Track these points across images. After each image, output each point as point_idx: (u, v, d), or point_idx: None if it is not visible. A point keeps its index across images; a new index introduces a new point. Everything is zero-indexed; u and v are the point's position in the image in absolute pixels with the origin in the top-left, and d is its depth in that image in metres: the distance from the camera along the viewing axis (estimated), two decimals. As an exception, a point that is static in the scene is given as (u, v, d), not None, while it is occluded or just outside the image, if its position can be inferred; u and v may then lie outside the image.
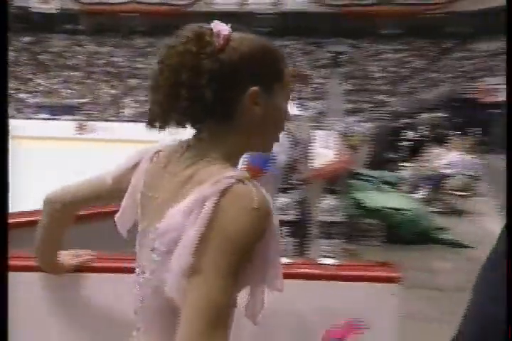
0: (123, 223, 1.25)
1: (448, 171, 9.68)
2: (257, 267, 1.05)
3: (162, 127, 1.11)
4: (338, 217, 1.69)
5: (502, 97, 18.46)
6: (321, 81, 41.62)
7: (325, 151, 8.80)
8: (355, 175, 8.45)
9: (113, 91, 40.66)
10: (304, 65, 43.59)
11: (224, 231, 0.97)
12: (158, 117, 1.10)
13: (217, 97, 1.06)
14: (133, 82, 40.63)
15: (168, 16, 42.57)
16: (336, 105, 37.60)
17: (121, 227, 1.26)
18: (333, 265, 1.57)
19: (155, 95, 1.10)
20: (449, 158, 9.99)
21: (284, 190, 3.37)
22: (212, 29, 1.09)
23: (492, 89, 27.64)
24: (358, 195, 7.42)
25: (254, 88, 1.08)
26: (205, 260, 0.95)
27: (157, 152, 1.21)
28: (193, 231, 0.97)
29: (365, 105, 37.44)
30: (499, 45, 31.66)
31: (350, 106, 37.84)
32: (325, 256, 1.66)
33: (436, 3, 44.65)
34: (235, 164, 1.13)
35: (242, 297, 1.08)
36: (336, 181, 5.15)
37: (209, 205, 0.97)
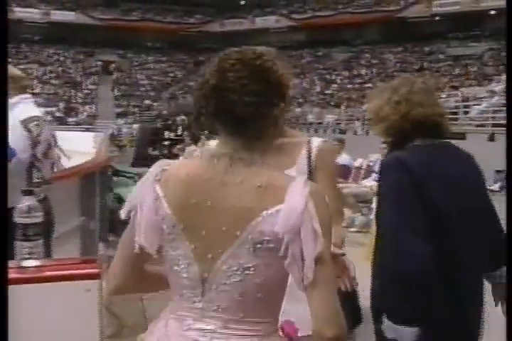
0: (151, 242, 1.16)
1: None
2: None
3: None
4: (37, 219, 1.45)
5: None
6: (92, 87, 40.15)
7: (86, 150, 8.38)
8: (118, 172, 8.21)
9: None
10: (75, 72, 41.49)
11: (325, 224, 1.08)
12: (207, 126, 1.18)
13: (258, 112, 1.12)
14: None
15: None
16: (107, 109, 36.64)
17: (151, 246, 1.16)
18: (36, 267, 1.36)
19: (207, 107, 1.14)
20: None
21: (29, 192, 2.95)
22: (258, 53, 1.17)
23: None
24: (120, 190, 7.19)
25: (283, 104, 1.15)
26: (325, 249, 1.07)
27: (163, 171, 1.17)
28: (312, 228, 1.06)
29: (134, 109, 37.00)
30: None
31: (119, 110, 37.16)
32: (27, 258, 1.42)
33: (192, 23, 46.01)
34: None
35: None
36: (91, 179, 4.83)
37: (311, 205, 1.06)
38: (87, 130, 19.91)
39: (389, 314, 1.59)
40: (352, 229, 6.75)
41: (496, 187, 11.26)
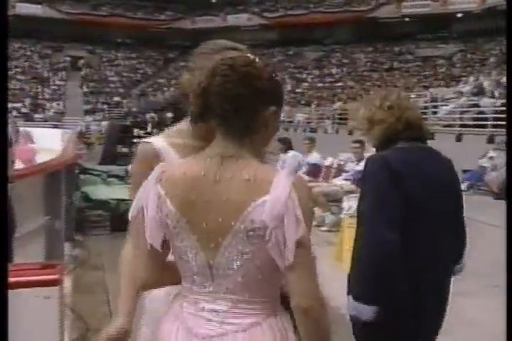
0: (155, 238, 1.29)
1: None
2: None
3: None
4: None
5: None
6: (60, 83, 39.38)
7: (53, 148, 8.19)
8: (86, 170, 8.06)
9: None
10: (42, 67, 40.63)
11: (306, 211, 1.21)
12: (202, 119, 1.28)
13: (248, 113, 1.25)
14: None
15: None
16: (75, 106, 36.00)
17: (156, 243, 1.29)
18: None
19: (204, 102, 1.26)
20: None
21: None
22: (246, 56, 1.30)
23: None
24: (87, 189, 7.05)
25: (273, 108, 1.28)
26: (305, 233, 1.19)
27: (163, 172, 1.29)
28: (295, 215, 1.18)
29: (103, 106, 36.44)
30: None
31: (88, 106, 36.55)
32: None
33: (163, 20, 45.57)
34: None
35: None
36: (57, 177, 4.70)
37: (293, 194, 1.19)
38: (55, 127, 19.54)
39: (354, 293, 1.84)
40: (322, 228, 6.76)
41: (463, 186, 11.46)
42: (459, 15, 36.47)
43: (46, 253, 4.20)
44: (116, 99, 37.46)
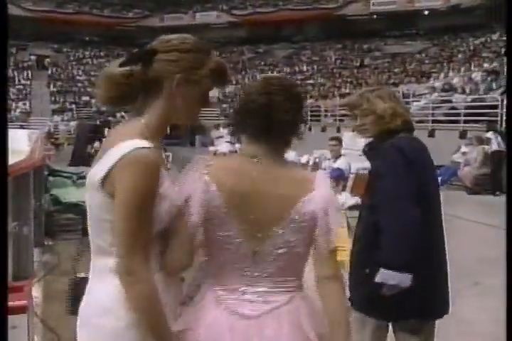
0: (197, 228, 1.40)
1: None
2: None
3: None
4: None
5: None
6: (26, 82, 38.40)
7: (19, 149, 7.86)
8: (55, 172, 7.75)
9: None
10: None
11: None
12: None
13: (292, 127, 1.54)
14: None
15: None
16: (42, 105, 35.16)
17: (198, 232, 1.41)
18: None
19: None
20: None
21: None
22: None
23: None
24: (56, 191, 6.76)
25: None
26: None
27: (210, 165, 1.43)
28: (336, 208, 1.49)
29: (71, 105, 35.67)
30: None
31: (56, 106, 35.72)
32: None
33: (131, 18, 44.92)
34: None
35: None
36: (25, 180, 4.46)
37: (332, 191, 1.51)
38: (21, 127, 18.97)
39: (392, 264, 2.07)
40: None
41: (437, 181, 11.49)
42: (426, 12, 36.88)
43: (14, 262, 3.96)
44: (85, 98, 36.68)
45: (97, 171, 1.31)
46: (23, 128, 18.02)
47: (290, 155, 8.55)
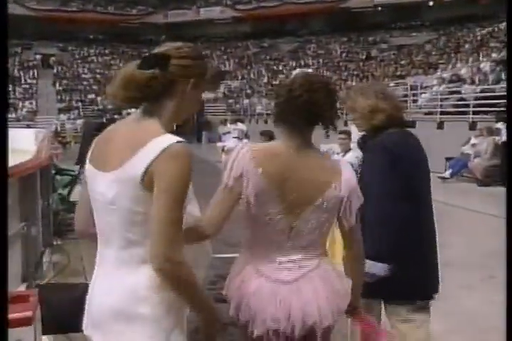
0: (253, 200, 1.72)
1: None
2: None
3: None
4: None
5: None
6: (32, 81, 38.44)
7: (27, 148, 7.82)
8: (61, 171, 7.72)
9: None
10: (12, 66, 39.63)
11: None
12: None
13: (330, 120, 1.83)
14: None
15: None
16: (48, 104, 35.20)
17: (252, 204, 1.73)
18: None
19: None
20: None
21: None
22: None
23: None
24: (63, 191, 6.73)
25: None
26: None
27: (249, 150, 1.73)
28: (357, 192, 1.80)
29: (77, 104, 35.68)
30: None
31: (62, 105, 35.74)
32: None
33: (135, 15, 44.82)
34: None
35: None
36: (32, 179, 4.41)
37: (355, 178, 1.82)
38: (28, 126, 18.98)
39: (370, 255, 2.12)
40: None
41: (447, 174, 11.37)
42: (430, 3, 36.52)
43: (23, 263, 3.93)
44: (91, 96, 36.69)
45: (133, 166, 1.34)
46: (30, 127, 18.03)
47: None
